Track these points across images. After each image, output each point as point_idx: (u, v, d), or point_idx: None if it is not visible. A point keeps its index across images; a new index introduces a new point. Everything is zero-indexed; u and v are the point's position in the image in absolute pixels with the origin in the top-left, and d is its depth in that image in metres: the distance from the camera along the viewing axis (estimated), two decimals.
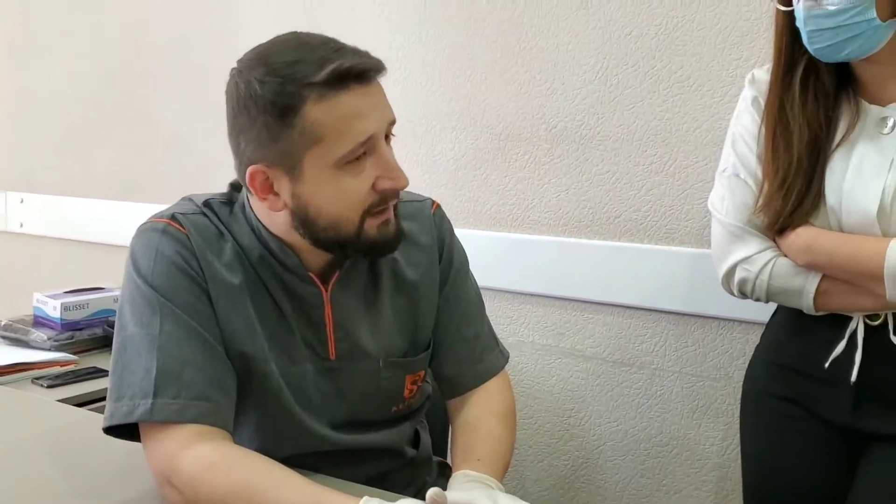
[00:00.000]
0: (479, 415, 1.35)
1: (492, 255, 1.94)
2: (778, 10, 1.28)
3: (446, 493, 1.06)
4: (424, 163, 2.04)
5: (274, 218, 1.19)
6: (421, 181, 2.03)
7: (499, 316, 1.96)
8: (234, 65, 1.15)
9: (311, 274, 1.23)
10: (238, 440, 1.22)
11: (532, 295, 1.92)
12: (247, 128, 1.13)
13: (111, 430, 1.16)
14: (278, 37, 1.18)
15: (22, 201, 3.00)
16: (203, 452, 1.10)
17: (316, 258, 1.22)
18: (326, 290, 1.24)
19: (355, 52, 1.12)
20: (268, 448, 1.19)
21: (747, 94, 1.39)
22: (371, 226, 1.16)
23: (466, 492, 1.10)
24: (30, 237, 2.95)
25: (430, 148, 2.03)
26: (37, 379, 2.03)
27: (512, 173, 1.93)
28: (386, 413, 1.33)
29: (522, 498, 1.04)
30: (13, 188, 3.01)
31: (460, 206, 2.00)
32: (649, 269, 1.78)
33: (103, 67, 2.70)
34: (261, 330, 1.21)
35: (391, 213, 1.18)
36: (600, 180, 1.83)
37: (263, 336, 1.21)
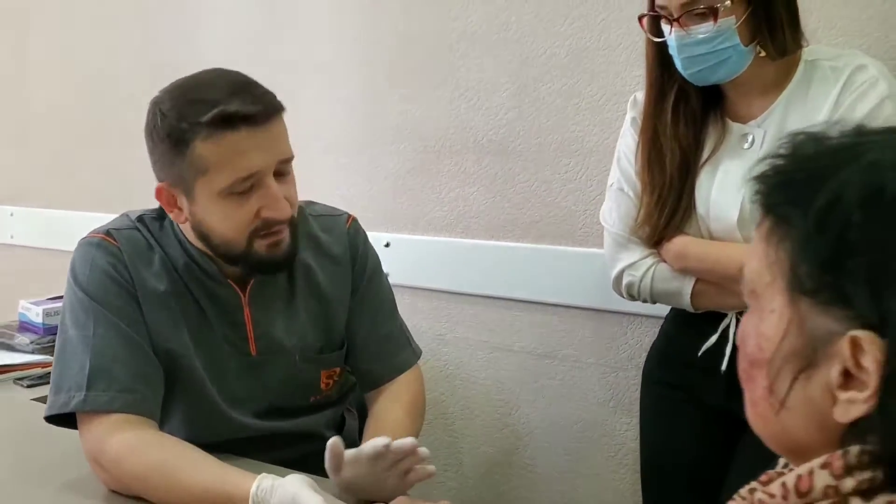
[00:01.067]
0: (387, 406, 1.50)
1: (429, 258, 2.11)
2: (649, 41, 1.42)
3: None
4: (367, 174, 2.20)
5: (188, 231, 1.36)
6: (364, 191, 2.20)
7: (436, 314, 2.12)
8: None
9: (229, 280, 1.40)
10: (169, 429, 1.39)
11: (465, 294, 2.08)
12: (153, 150, 1.32)
13: (52, 420, 1.34)
14: (200, 72, 1.36)
15: (12, 214, 3.14)
16: (126, 437, 1.27)
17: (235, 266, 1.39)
18: (244, 294, 1.41)
19: (254, 96, 1.28)
20: (195, 435, 1.36)
21: (629, 115, 1.54)
22: (261, 245, 1.32)
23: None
24: (20, 248, 3.09)
25: (372, 160, 2.20)
26: (18, 379, 2.19)
27: (444, 182, 2.09)
28: (305, 401, 1.50)
29: (462, 483, 1.19)
30: (4, 202, 3.15)
31: (400, 213, 2.16)
32: (567, 269, 1.93)
33: (87, 91, 2.85)
34: (185, 329, 1.38)
35: (283, 236, 1.33)
36: (522, 188, 1.98)
37: (187, 335, 1.38)
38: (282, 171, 1.32)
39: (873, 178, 0.61)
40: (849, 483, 0.61)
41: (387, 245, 2.13)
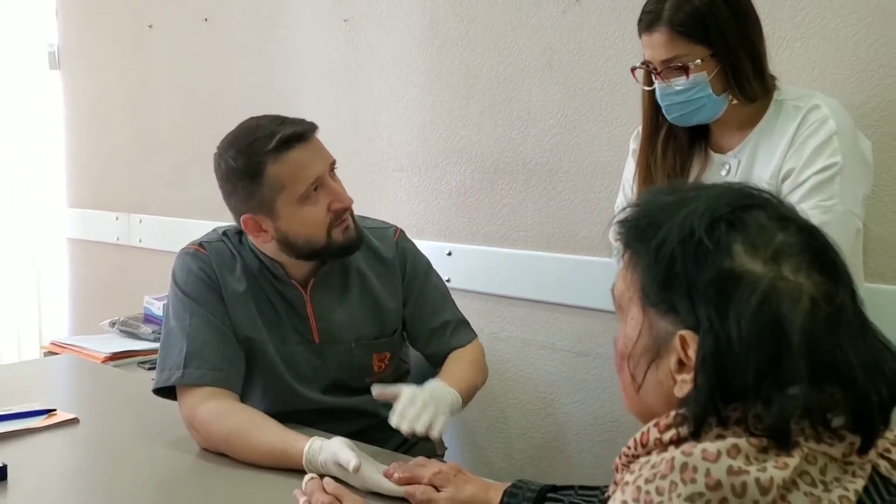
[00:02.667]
0: (451, 364, 1.80)
1: (484, 266, 2.40)
2: (644, 89, 1.68)
3: None
4: (433, 191, 2.52)
5: (267, 246, 1.70)
6: (431, 206, 2.51)
7: (490, 315, 2.40)
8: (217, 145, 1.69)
9: (293, 281, 1.73)
10: (251, 401, 1.72)
11: (514, 298, 2.36)
12: (233, 192, 1.65)
13: (158, 392, 1.70)
14: (241, 124, 1.71)
15: (140, 221, 3.54)
16: (214, 406, 1.61)
17: (297, 269, 1.73)
18: (306, 292, 1.74)
19: (293, 121, 1.64)
20: (271, 406, 1.69)
21: (631, 147, 1.79)
22: (337, 234, 1.66)
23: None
24: (146, 250, 3.50)
25: (437, 179, 2.50)
26: (141, 363, 2.61)
27: (498, 199, 2.38)
28: (361, 382, 1.79)
29: (512, 465, 1.47)
30: (134, 211, 3.58)
31: (461, 226, 2.46)
32: (603, 277, 2.16)
33: (202, 113, 3.25)
34: (261, 321, 1.72)
35: (350, 221, 1.68)
36: (564, 206, 2.25)
37: (262, 325, 1.72)
38: (332, 171, 1.67)
39: (687, 225, 0.87)
40: (667, 436, 0.87)
41: (449, 254, 2.43)
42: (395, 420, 1.52)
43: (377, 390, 1.60)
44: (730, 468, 0.77)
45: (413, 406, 1.53)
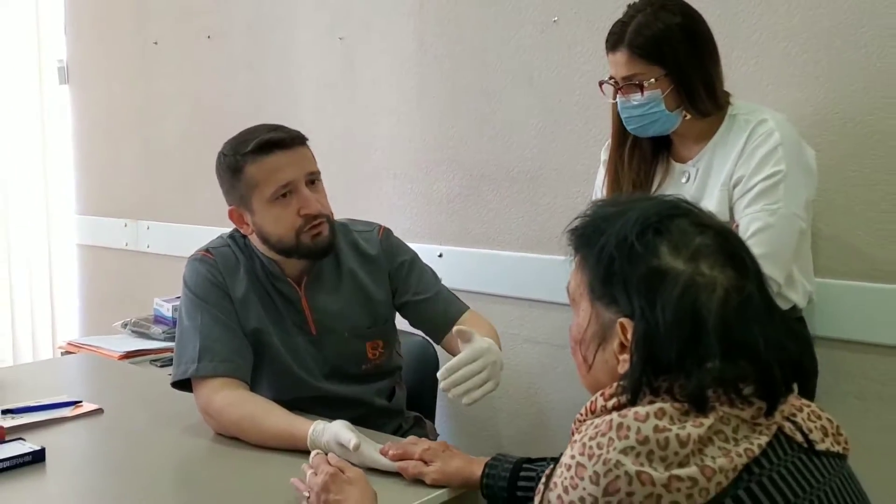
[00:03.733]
0: (468, 322, 1.94)
1: (472, 266, 2.58)
2: (612, 104, 1.86)
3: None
4: (425, 197, 2.70)
5: (257, 243, 1.88)
6: (423, 211, 2.70)
7: (478, 312, 2.58)
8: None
9: (288, 278, 1.91)
10: (259, 390, 1.89)
11: (500, 296, 2.55)
12: (221, 184, 1.87)
13: (175, 385, 1.87)
14: (247, 128, 1.89)
15: (148, 228, 3.70)
16: (226, 395, 1.78)
17: (292, 267, 1.90)
18: (301, 288, 1.92)
19: (283, 130, 1.83)
20: (278, 394, 1.86)
21: (602, 157, 1.97)
22: (306, 238, 1.83)
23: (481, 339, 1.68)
24: (154, 255, 3.68)
25: (428, 186, 2.69)
26: (153, 361, 2.78)
27: (484, 204, 2.57)
28: (358, 369, 1.97)
29: (500, 450, 1.62)
30: (142, 217, 3.74)
31: (450, 229, 2.64)
32: None
33: (207, 125, 3.39)
34: (265, 316, 1.89)
35: (322, 229, 1.84)
36: (544, 209, 2.44)
37: (266, 320, 1.89)
38: (312, 180, 1.84)
39: (623, 231, 1.06)
40: (610, 403, 1.05)
41: (440, 255, 2.62)
42: (446, 383, 1.64)
43: (458, 329, 1.69)
44: (656, 427, 0.95)
45: (474, 376, 1.65)
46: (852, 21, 1.89)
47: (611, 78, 1.79)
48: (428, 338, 2.15)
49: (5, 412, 1.89)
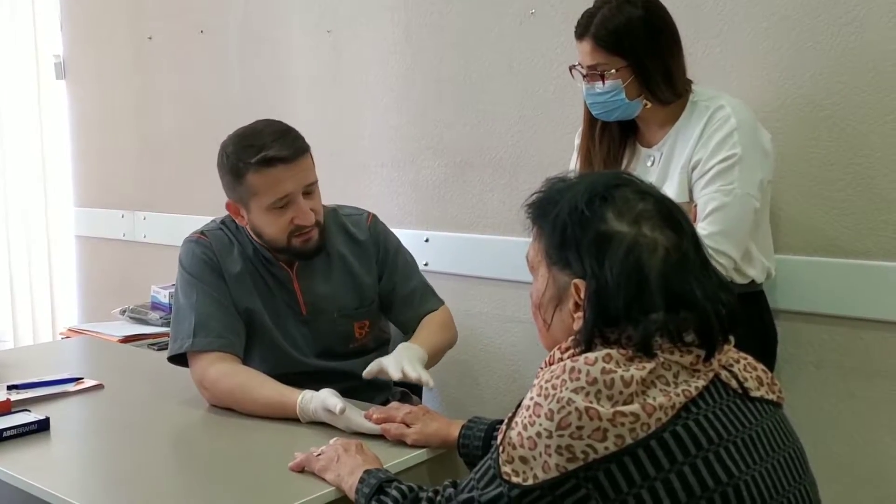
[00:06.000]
0: (420, 327, 2.08)
1: (457, 250, 2.69)
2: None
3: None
4: (411, 184, 2.81)
5: (251, 232, 1.99)
6: (409, 197, 2.80)
7: (463, 294, 2.68)
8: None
9: (281, 262, 2.01)
10: (251, 365, 1.98)
11: (484, 278, 2.65)
12: (221, 178, 1.96)
13: (172, 360, 1.98)
14: (254, 122, 1.97)
15: (145, 218, 3.78)
16: (220, 368, 1.89)
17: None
18: (292, 271, 2.02)
19: (288, 142, 1.89)
20: (269, 368, 1.96)
21: (575, 142, 2.08)
22: (296, 242, 1.94)
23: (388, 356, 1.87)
24: (151, 245, 3.77)
25: (414, 174, 2.80)
26: (151, 345, 2.88)
27: (468, 190, 2.67)
28: (346, 347, 2.08)
29: None
30: (139, 208, 3.83)
31: (436, 215, 2.75)
32: None
33: (202, 119, 3.49)
34: (257, 296, 2.00)
35: (311, 235, 1.95)
36: (525, 194, 2.48)
37: (259, 300, 2.00)
38: (309, 191, 1.94)
39: (573, 201, 1.17)
40: (566, 355, 1.16)
41: (426, 240, 2.73)
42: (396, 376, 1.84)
43: (366, 373, 1.88)
44: (603, 369, 1.07)
45: (396, 366, 1.83)
46: (809, 10, 1.99)
47: (579, 64, 1.90)
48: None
49: (10, 388, 2.00)
